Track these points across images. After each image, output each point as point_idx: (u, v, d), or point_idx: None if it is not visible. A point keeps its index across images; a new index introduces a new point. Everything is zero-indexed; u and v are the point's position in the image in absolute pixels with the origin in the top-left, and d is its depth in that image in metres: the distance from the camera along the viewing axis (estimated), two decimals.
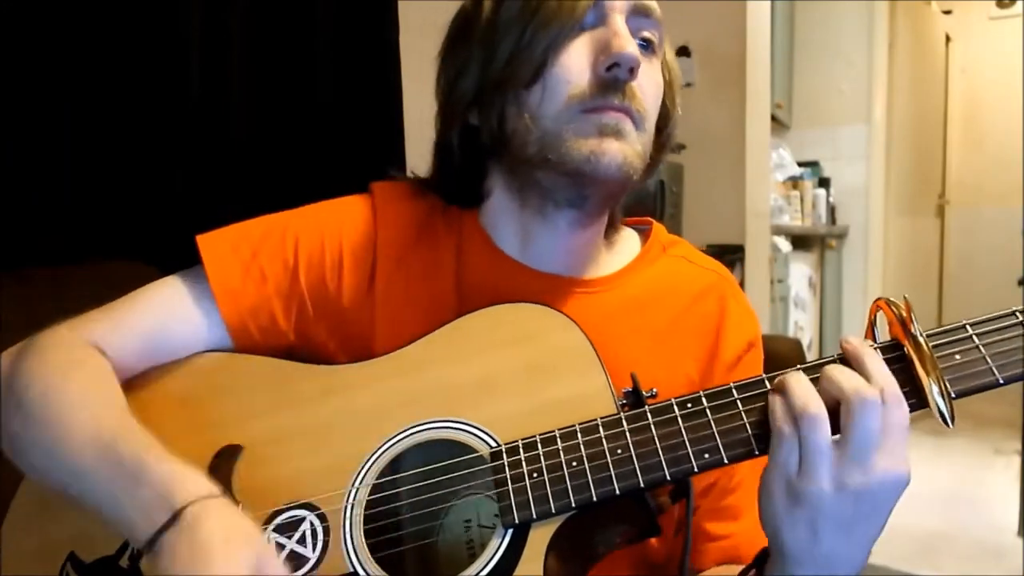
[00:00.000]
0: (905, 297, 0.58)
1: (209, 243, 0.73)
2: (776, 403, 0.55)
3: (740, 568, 0.64)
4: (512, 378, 0.64)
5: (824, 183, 4.04)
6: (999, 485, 3.06)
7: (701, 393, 0.59)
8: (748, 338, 0.77)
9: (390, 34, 1.51)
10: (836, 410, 0.54)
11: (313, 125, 1.48)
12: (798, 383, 0.55)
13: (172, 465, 0.57)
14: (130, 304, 0.73)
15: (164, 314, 0.72)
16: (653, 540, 0.64)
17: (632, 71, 0.66)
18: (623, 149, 0.66)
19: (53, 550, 0.66)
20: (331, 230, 0.74)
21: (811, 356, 3.81)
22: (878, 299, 0.59)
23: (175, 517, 0.54)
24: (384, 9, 1.51)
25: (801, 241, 3.70)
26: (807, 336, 3.68)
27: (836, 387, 0.54)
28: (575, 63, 0.67)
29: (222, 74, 1.37)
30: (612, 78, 0.66)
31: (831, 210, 4.05)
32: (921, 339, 0.55)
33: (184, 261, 0.75)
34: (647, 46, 0.70)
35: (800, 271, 3.61)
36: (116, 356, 0.69)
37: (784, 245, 3.34)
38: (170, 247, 0.77)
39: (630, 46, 0.66)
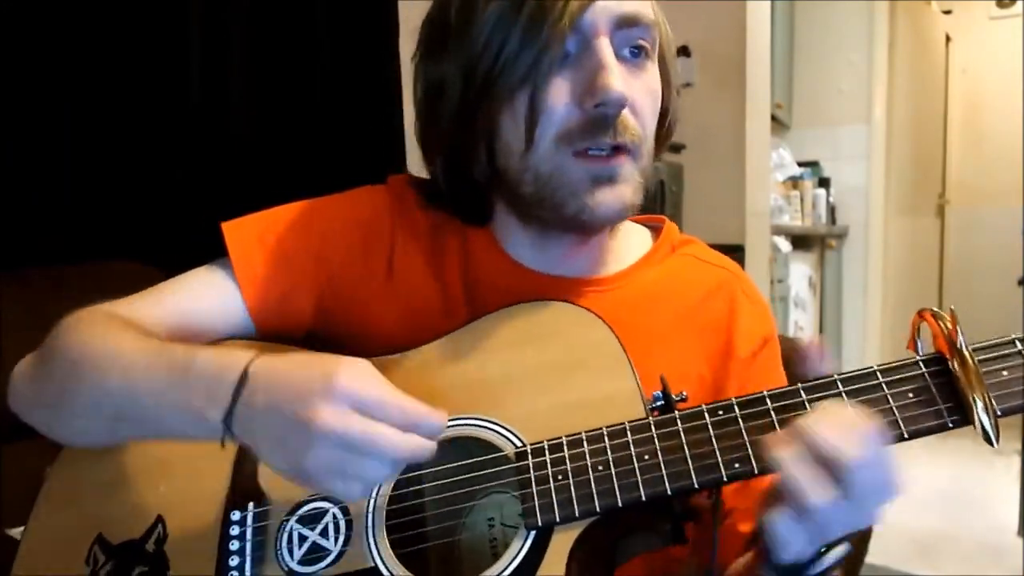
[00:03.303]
0: (952, 309, 0.56)
1: (234, 230, 0.74)
2: (803, 465, 0.50)
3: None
4: (539, 376, 0.63)
5: (824, 183, 4.04)
6: (999, 485, 3.06)
7: (733, 400, 0.57)
8: (763, 334, 0.77)
9: (390, 34, 1.51)
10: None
11: (313, 125, 1.48)
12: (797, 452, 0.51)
13: (216, 349, 0.59)
14: (155, 292, 0.73)
15: (188, 301, 0.73)
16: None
17: (622, 105, 0.62)
18: (620, 194, 0.65)
19: (81, 532, 0.66)
20: (352, 219, 0.75)
21: None
22: (922, 310, 0.57)
23: (242, 379, 0.54)
24: (384, 9, 1.52)
25: (801, 241, 3.70)
26: (807, 336, 3.68)
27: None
28: (558, 100, 0.63)
29: (222, 74, 1.37)
30: (600, 115, 0.62)
31: (831, 210, 4.05)
32: (967, 354, 0.53)
33: (183, 260, 0.75)
34: (639, 52, 0.66)
35: (800, 271, 3.61)
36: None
37: (784, 245, 3.34)
38: (170, 247, 0.77)
39: (616, 82, 0.61)
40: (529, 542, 0.56)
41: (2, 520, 0.81)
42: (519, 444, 0.60)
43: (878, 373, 0.56)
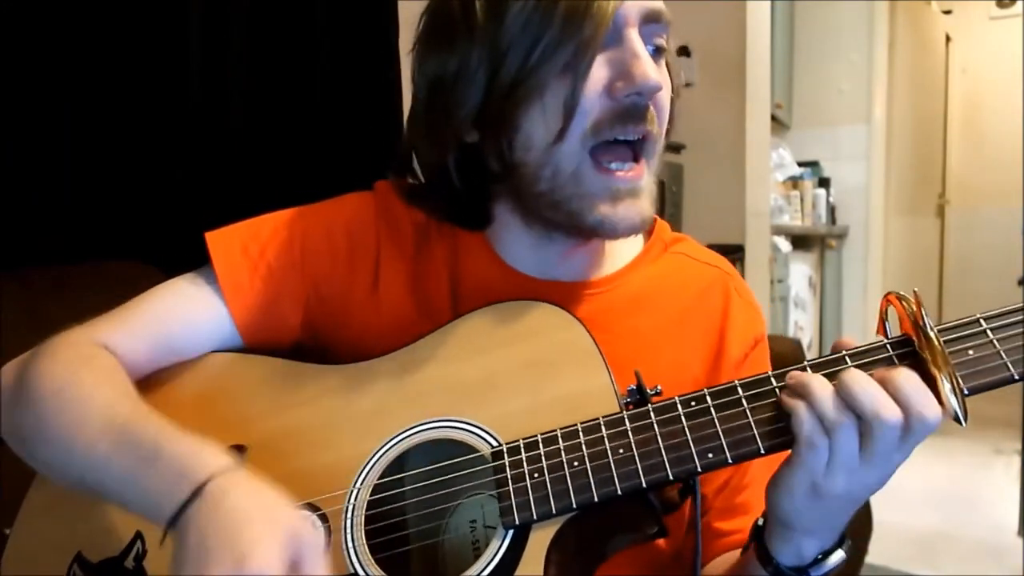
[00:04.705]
0: (915, 291, 0.56)
1: (218, 240, 0.73)
2: (801, 409, 0.53)
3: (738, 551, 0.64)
4: (514, 376, 0.63)
5: (824, 183, 4.04)
6: (999, 485, 3.06)
7: (705, 391, 0.58)
8: (754, 334, 0.77)
9: (390, 34, 1.51)
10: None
11: (313, 125, 1.48)
12: (825, 392, 0.53)
13: (189, 442, 0.56)
14: (140, 305, 0.72)
15: (174, 314, 0.72)
16: (660, 540, 0.63)
17: (655, 93, 0.63)
18: (639, 208, 0.65)
19: (60, 550, 0.66)
20: (337, 227, 0.74)
21: (811, 356, 3.79)
22: (888, 293, 0.58)
23: (197, 491, 0.52)
24: (384, 9, 1.52)
25: (801, 241, 3.71)
26: (807, 336, 3.68)
27: (858, 402, 0.52)
28: (592, 90, 0.62)
29: (222, 74, 1.37)
30: (632, 104, 0.62)
31: (831, 210, 4.06)
32: (932, 334, 0.53)
33: (184, 260, 0.75)
34: (657, 51, 0.66)
35: (800, 271, 3.61)
36: (126, 356, 0.69)
37: (784, 245, 3.34)
38: (170, 247, 0.77)
39: (652, 72, 0.61)
40: (507, 541, 0.57)
41: (1, 520, 0.81)
42: (495, 444, 0.60)
43: (847, 357, 0.56)
